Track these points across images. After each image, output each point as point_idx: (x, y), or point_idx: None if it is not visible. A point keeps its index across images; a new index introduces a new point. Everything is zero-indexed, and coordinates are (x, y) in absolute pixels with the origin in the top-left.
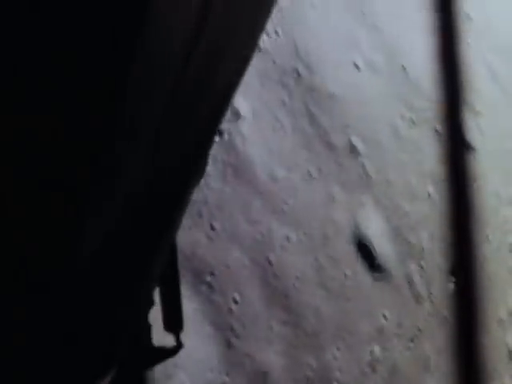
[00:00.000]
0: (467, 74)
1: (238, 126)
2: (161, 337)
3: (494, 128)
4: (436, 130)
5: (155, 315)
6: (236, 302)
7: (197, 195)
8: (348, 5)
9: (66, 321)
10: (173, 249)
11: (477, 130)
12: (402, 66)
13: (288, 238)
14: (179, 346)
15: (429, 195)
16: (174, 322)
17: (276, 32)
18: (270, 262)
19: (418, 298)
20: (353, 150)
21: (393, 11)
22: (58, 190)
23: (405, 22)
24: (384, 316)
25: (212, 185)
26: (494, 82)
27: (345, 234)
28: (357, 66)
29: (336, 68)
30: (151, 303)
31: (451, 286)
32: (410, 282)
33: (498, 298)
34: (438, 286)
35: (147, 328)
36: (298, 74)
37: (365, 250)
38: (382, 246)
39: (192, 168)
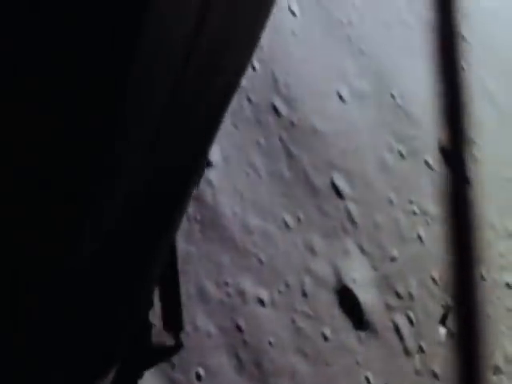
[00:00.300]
0: (463, 99)
1: (207, 174)
2: (161, 337)
3: (490, 156)
4: (427, 162)
5: (155, 315)
6: (200, 378)
7: None
8: (332, 29)
9: (66, 321)
10: (172, 249)
11: (472, 158)
12: (391, 93)
13: (260, 299)
14: (179, 345)
15: (419, 237)
16: (173, 322)
17: (251, 64)
18: (239, 328)
19: (406, 354)
20: (336, 191)
21: (381, 34)
22: (58, 190)
23: (395, 45)
24: (367, 379)
25: (176, 244)
26: (492, 107)
27: (326, 288)
28: (341, 97)
29: (319, 100)
30: (151, 303)
31: (443, 335)
32: (398, 336)
33: (493, 343)
34: (428, 338)
35: (147, 328)
36: (276, 111)
37: (348, 305)
38: (368, 299)
39: (192, 167)
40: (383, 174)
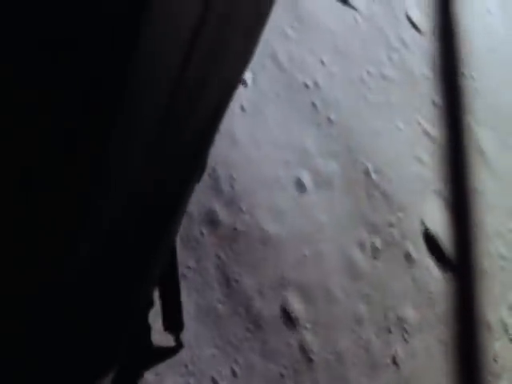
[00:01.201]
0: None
1: None
2: (161, 337)
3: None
4: (408, 256)
5: (155, 315)
6: None
7: None
8: (293, 96)
9: (66, 321)
10: (173, 250)
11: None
12: (366, 170)
13: None
14: (179, 345)
15: (394, 361)
16: (173, 323)
17: None
18: None
19: None
20: (287, 319)
21: (354, 97)
22: (58, 190)
23: (371, 110)
24: None
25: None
26: (488, 170)
27: None
28: (301, 185)
29: (271, 194)
30: (151, 303)
31: None
32: None
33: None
34: None
35: (147, 328)
36: (215, 220)
37: None
38: None
39: (191, 167)
40: (351, 282)
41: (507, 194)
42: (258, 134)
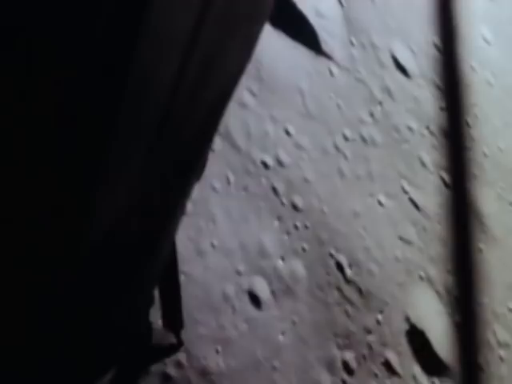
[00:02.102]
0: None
1: None
2: (161, 336)
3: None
4: (389, 367)
5: (155, 314)
6: None
7: None
8: (248, 183)
9: (67, 320)
10: (173, 248)
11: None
12: (338, 266)
13: None
14: (179, 344)
15: None
16: (173, 321)
17: None
18: None
19: None
20: None
21: (323, 177)
22: (58, 189)
23: (344, 192)
24: None
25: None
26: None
27: None
28: (255, 301)
29: (217, 320)
30: (151, 303)
31: None
32: None
33: None
34: None
35: (147, 327)
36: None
37: None
38: None
39: (192, 165)
40: None
41: (508, 267)
42: (202, 238)
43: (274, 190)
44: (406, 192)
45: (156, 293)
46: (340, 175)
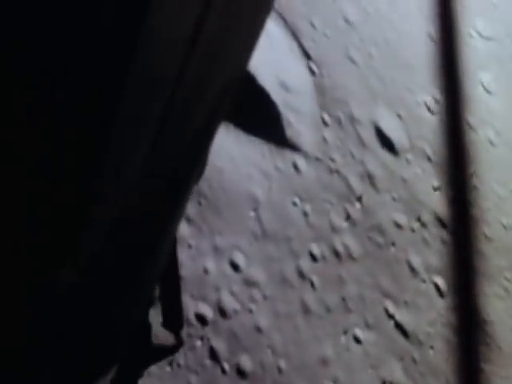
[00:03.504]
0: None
1: None
2: (160, 335)
3: None
4: None
5: (155, 314)
6: None
7: None
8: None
9: (66, 320)
10: (173, 248)
11: None
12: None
13: None
14: (179, 344)
15: None
16: (173, 321)
17: None
18: None
19: None
20: None
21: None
22: (57, 189)
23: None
24: None
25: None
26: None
27: None
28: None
29: None
30: (151, 302)
31: None
32: None
33: None
34: None
35: (147, 327)
36: None
37: None
38: None
39: (192, 166)
40: None
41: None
42: None
43: (213, 353)
44: (390, 316)
45: (156, 293)
46: (304, 312)
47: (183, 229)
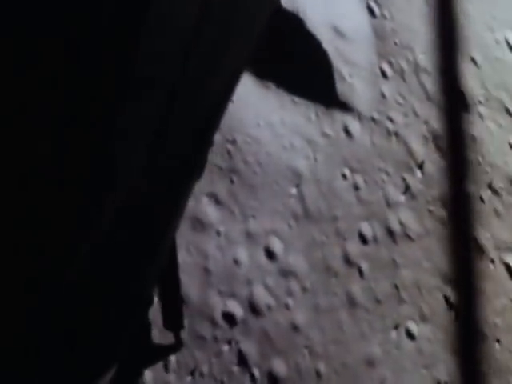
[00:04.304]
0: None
1: None
2: (160, 335)
3: None
4: None
5: (155, 314)
6: None
7: None
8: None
9: (66, 320)
10: (172, 247)
11: None
12: None
13: None
14: (179, 344)
15: None
16: (173, 321)
17: None
18: None
19: None
20: None
21: None
22: (58, 188)
23: None
24: None
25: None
26: None
27: None
28: None
29: None
30: (151, 301)
31: None
32: None
33: None
34: None
35: (147, 327)
36: None
37: None
38: None
39: (192, 163)
40: None
41: None
42: None
43: (242, 358)
44: (450, 306)
45: (156, 293)
46: (349, 305)
47: (211, 213)
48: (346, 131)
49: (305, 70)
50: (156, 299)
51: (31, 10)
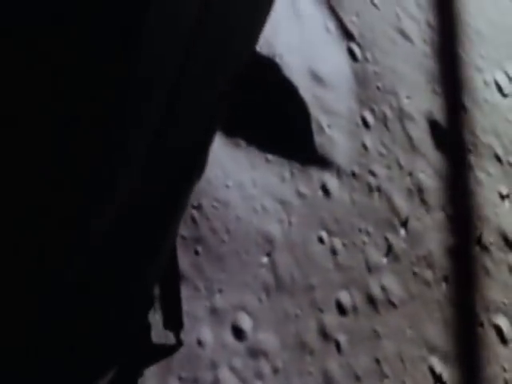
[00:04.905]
0: None
1: None
2: (160, 335)
3: None
4: None
5: (155, 313)
6: None
7: None
8: None
9: (67, 320)
10: (173, 247)
11: None
12: None
13: None
14: (179, 344)
15: None
16: (173, 321)
17: None
18: None
19: None
20: None
21: None
22: (59, 187)
23: None
24: None
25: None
26: None
27: None
28: None
29: None
30: (151, 302)
31: None
32: None
33: None
34: None
35: (147, 327)
36: None
37: None
38: None
39: (192, 165)
40: None
41: None
42: None
43: None
44: (437, 378)
45: (156, 293)
46: None
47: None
48: (324, 189)
49: (279, 123)
50: (156, 299)
51: (32, 9)
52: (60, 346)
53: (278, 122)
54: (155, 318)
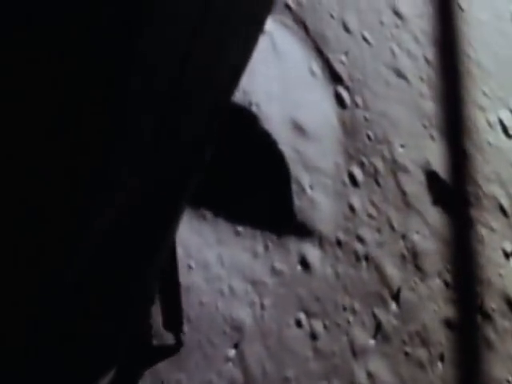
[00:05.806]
0: None
1: None
2: (161, 336)
3: None
4: None
5: (155, 314)
6: None
7: None
8: None
9: (66, 320)
10: (172, 248)
11: None
12: None
13: None
14: (179, 344)
15: None
16: (173, 321)
17: None
18: None
19: None
20: None
21: None
22: (57, 188)
23: None
24: None
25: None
26: None
27: None
28: None
29: None
30: (151, 302)
31: None
32: None
33: None
34: None
35: (147, 327)
36: None
37: None
38: None
39: (191, 167)
40: None
41: None
42: None
43: None
44: None
45: (156, 293)
46: None
47: None
48: (303, 263)
49: (253, 186)
50: (156, 299)
51: (32, 9)
52: (60, 345)
53: (251, 184)
54: (155, 319)
